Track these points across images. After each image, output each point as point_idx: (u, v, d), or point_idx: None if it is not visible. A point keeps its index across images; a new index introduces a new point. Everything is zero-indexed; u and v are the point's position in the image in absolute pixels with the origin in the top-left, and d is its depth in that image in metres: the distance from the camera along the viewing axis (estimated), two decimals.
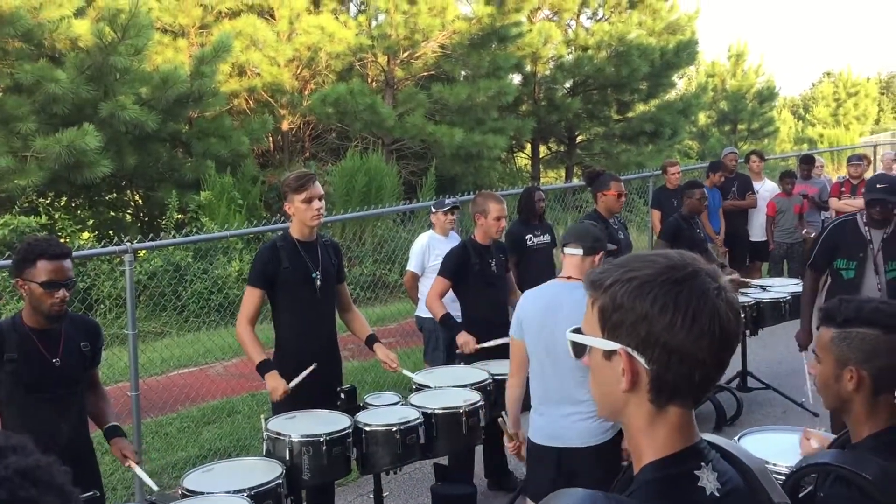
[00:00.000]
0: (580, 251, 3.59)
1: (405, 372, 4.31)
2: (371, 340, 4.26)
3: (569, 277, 3.54)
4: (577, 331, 1.29)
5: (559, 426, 3.39)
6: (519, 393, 3.67)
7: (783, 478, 2.06)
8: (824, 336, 1.93)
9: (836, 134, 35.16)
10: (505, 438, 3.68)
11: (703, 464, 1.21)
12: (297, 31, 15.38)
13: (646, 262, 1.22)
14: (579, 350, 1.30)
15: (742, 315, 5.65)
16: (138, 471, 3.34)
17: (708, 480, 1.20)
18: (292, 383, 3.86)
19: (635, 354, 1.20)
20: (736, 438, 3.19)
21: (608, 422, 3.40)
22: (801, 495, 1.98)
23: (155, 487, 3.32)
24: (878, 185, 4.96)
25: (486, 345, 4.87)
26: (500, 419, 3.64)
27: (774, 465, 2.88)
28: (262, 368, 3.88)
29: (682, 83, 27.46)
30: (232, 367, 8.28)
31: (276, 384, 3.82)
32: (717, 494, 1.19)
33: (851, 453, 1.89)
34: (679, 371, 1.18)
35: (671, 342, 1.17)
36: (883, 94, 56.42)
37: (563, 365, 3.37)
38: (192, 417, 6.81)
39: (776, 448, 3.04)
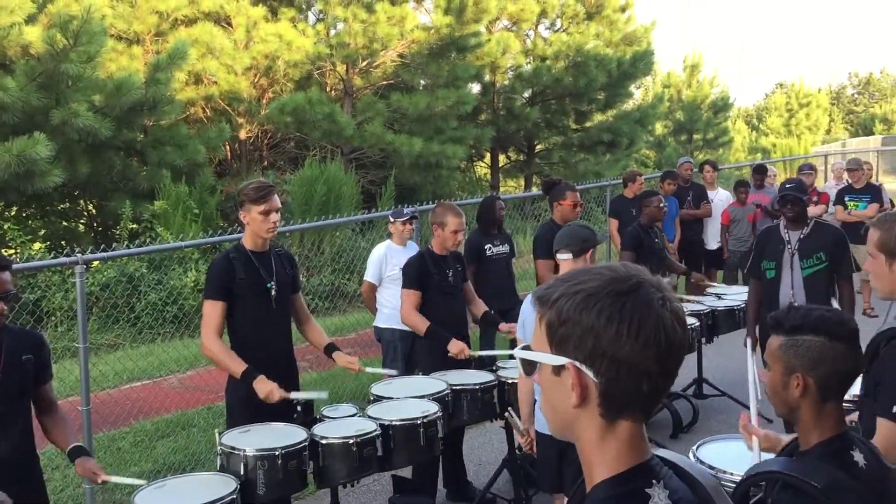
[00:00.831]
0: (570, 255, 3.88)
1: (370, 369, 4.28)
2: (330, 349, 4.21)
3: None
4: (527, 348, 1.28)
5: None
6: (529, 389, 3.82)
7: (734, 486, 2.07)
8: (773, 344, 1.95)
9: (789, 143, 35.89)
10: (516, 434, 3.93)
11: (654, 481, 1.21)
12: (255, 39, 15.27)
13: (591, 275, 1.21)
14: (529, 367, 1.28)
15: (688, 324, 5.79)
16: (116, 479, 3.27)
17: (659, 498, 1.19)
18: (294, 395, 3.85)
19: (583, 368, 1.19)
20: (694, 447, 3.21)
21: None
22: (750, 503, 1.99)
23: (141, 481, 3.27)
24: (787, 185, 5.48)
25: (481, 353, 4.92)
26: (507, 414, 3.83)
27: (731, 473, 2.90)
28: (248, 377, 3.79)
29: (640, 93, 27.84)
30: (187, 380, 8.14)
31: (268, 388, 3.75)
32: None
33: (800, 461, 1.91)
34: (627, 383, 1.18)
35: (618, 354, 1.16)
36: (834, 104, 57.76)
37: None
38: (145, 431, 6.67)
39: (732, 456, 3.06)
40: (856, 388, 3.29)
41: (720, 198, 10.02)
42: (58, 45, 10.69)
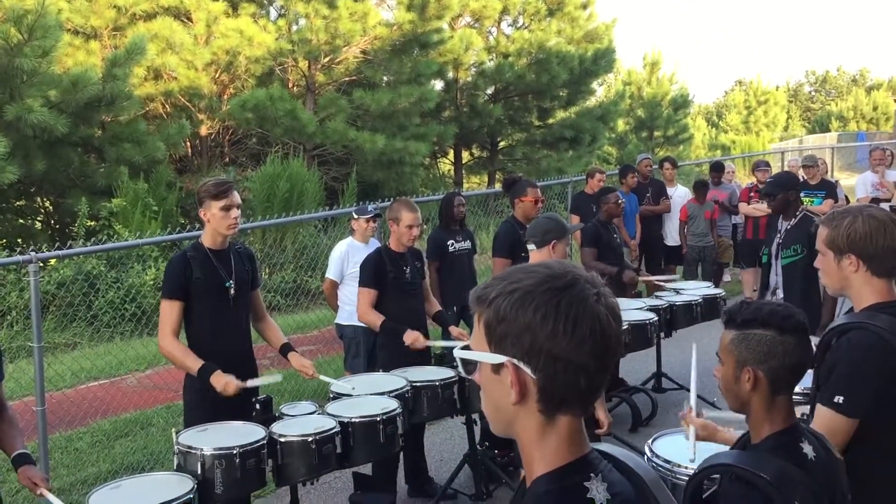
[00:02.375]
0: (534, 246, 4.13)
1: (322, 377, 4.26)
2: (286, 350, 4.19)
3: None
4: (467, 348, 1.29)
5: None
6: None
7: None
8: (725, 338, 1.99)
9: (748, 140, 36.43)
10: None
11: (592, 475, 1.23)
12: (215, 34, 15.11)
13: (527, 273, 1.23)
14: (470, 367, 1.29)
15: (647, 319, 5.97)
16: (51, 497, 3.17)
17: (598, 491, 1.21)
18: (250, 383, 3.82)
19: (521, 365, 1.20)
20: (650, 441, 3.26)
21: None
22: (704, 496, 2.03)
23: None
24: (769, 180, 6.07)
25: (434, 343, 4.92)
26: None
27: (685, 467, 2.94)
28: (205, 373, 3.76)
29: (602, 90, 28.02)
30: (146, 379, 8.05)
31: (224, 380, 3.73)
32: None
33: (751, 454, 1.94)
34: (565, 378, 1.20)
35: (555, 350, 1.18)
36: (791, 101, 58.75)
37: None
38: (103, 431, 6.58)
39: (685, 449, 3.10)
40: (807, 382, 3.38)
41: (679, 194, 10.15)
42: (12, 39, 10.51)
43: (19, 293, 9.54)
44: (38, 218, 14.70)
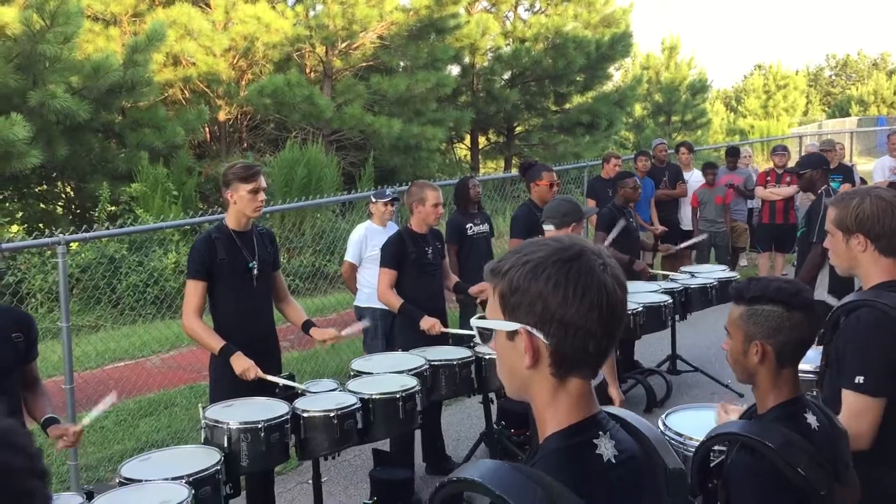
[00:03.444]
0: (552, 227, 4.15)
1: (346, 331, 4.38)
2: (307, 326, 4.31)
3: None
4: (483, 318, 1.38)
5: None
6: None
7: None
8: (734, 313, 2.06)
9: (767, 125, 36.14)
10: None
11: (601, 433, 1.32)
12: (233, 20, 15.19)
13: (538, 246, 1.32)
14: (485, 336, 1.38)
15: (662, 302, 6.04)
16: (89, 418, 3.35)
17: (605, 448, 1.31)
18: (271, 378, 3.91)
19: (535, 332, 1.29)
20: (663, 416, 3.34)
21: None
22: (711, 465, 2.11)
23: (113, 399, 3.34)
24: (799, 159, 6.62)
25: (450, 331, 5.01)
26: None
27: (696, 440, 3.02)
28: (226, 353, 3.90)
29: (620, 75, 27.93)
30: (169, 360, 8.20)
31: (245, 365, 3.86)
32: (614, 461, 1.30)
33: (757, 423, 2.02)
34: (574, 343, 1.28)
35: (565, 316, 1.27)
36: (811, 86, 58.13)
37: None
38: (128, 410, 6.73)
39: (699, 425, 3.18)
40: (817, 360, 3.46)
41: (696, 179, 10.17)
42: (34, 26, 10.64)
43: (44, 277, 9.72)
44: (59, 203, 14.89)
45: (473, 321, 1.39)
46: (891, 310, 2.41)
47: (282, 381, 3.98)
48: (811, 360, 3.97)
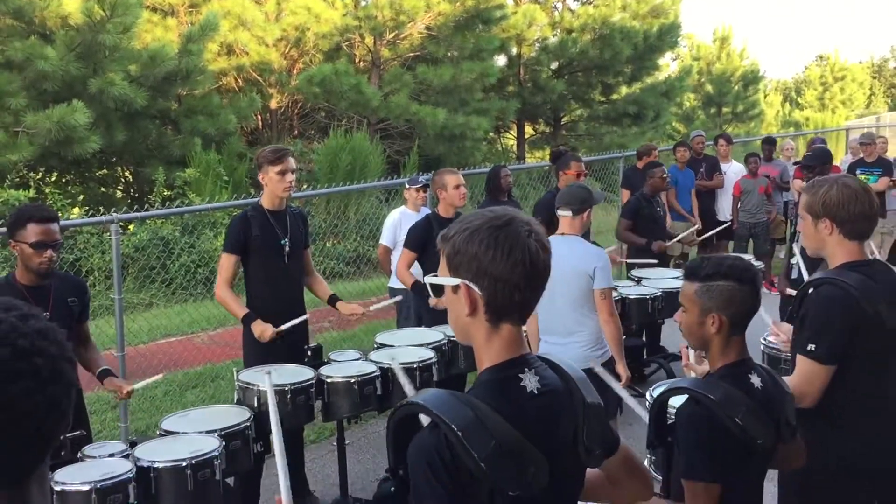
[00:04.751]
0: (570, 213, 4.34)
1: (375, 306, 4.69)
2: (333, 300, 4.64)
3: (563, 234, 4.31)
4: (435, 277, 1.66)
5: (560, 352, 3.83)
6: (534, 328, 4.42)
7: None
8: (689, 289, 2.29)
9: (822, 118, 35.50)
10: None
11: (527, 369, 1.60)
12: (285, 11, 15.63)
13: (476, 216, 1.60)
14: (438, 291, 1.67)
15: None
16: (139, 384, 3.81)
17: (530, 381, 1.58)
18: (282, 327, 4.25)
19: (472, 285, 1.57)
20: (652, 388, 3.57)
21: (599, 350, 4.29)
22: (670, 422, 2.36)
23: (159, 377, 3.79)
24: (806, 155, 6.59)
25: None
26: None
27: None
28: (247, 319, 4.29)
29: (676, 65, 27.72)
30: (216, 337, 8.62)
31: (262, 328, 4.23)
32: (536, 392, 1.58)
33: (704, 380, 2.28)
34: (503, 294, 1.56)
35: (495, 272, 1.55)
36: (875, 78, 56.64)
37: (559, 304, 4.14)
38: (176, 382, 7.15)
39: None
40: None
41: (734, 170, 10.23)
42: (95, 16, 11.16)
43: (101, 255, 10.25)
44: (119, 187, 15.52)
45: (428, 278, 1.68)
46: (850, 287, 2.62)
47: (293, 323, 4.29)
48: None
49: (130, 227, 10.45)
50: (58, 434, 0.98)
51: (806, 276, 3.81)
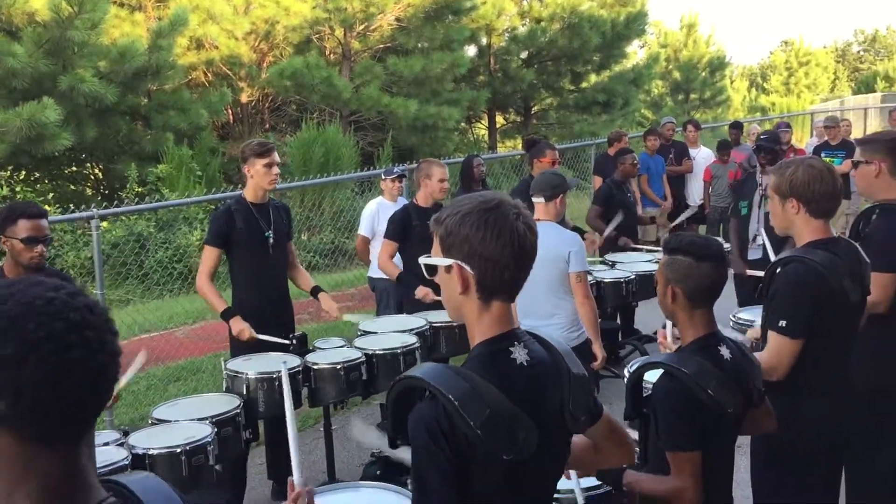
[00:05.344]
0: (542, 199, 4.42)
1: (347, 316, 4.77)
2: (316, 291, 4.73)
3: (538, 219, 4.31)
4: (428, 257, 1.77)
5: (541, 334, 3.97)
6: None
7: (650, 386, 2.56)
8: (661, 262, 2.44)
9: (788, 102, 36.02)
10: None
11: (516, 343, 1.72)
12: (254, 4, 15.58)
13: (467, 200, 1.72)
14: (431, 270, 1.78)
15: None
16: (124, 379, 3.74)
17: (519, 354, 1.71)
18: (262, 337, 4.31)
19: (464, 265, 1.68)
20: (629, 365, 3.70)
21: (576, 332, 4.40)
22: (645, 395, 2.49)
23: (142, 359, 3.65)
24: (762, 137, 6.88)
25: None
26: None
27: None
28: (227, 315, 4.35)
29: (644, 52, 27.98)
30: (195, 331, 8.66)
31: (241, 327, 4.30)
32: (525, 364, 1.70)
33: (677, 354, 2.42)
34: (494, 273, 1.68)
35: (485, 252, 1.66)
36: (839, 62, 57.38)
37: (538, 287, 4.18)
38: (158, 376, 7.20)
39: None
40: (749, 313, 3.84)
41: (702, 155, 10.45)
42: (63, 12, 11.08)
43: (77, 252, 10.23)
44: (88, 184, 15.41)
45: (421, 259, 1.78)
46: (817, 265, 2.77)
47: (273, 340, 4.34)
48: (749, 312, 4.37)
49: (104, 223, 10.43)
50: (106, 399, 1.09)
51: (772, 256, 3.96)
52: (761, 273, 5.82)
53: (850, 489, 3.43)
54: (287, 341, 4.40)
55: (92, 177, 15.45)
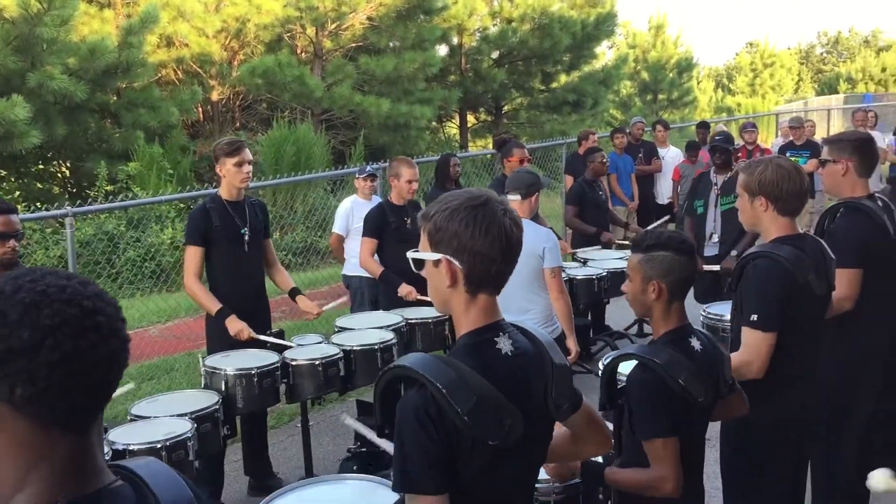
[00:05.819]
0: (518, 196, 4.47)
1: (327, 307, 4.79)
2: (294, 293, 4.76)
3: None
4: (416, 251, 1.83)
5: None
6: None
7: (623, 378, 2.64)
8: (633, 260, 2.51)
9: (754, 103, 36.52)
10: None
11: (501, 334, 1.79)
12: (225, 2, 15.51)
13: (455, 196, 1.78)
14: (418, 265, 1.84)
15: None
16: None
17: (504, 344, 1.78)
18: (262, 337, 4.34)
19: (453, 260, 1.75)
20: (603, 359, 3.79)
21: (550, 326, 4.46)
22: (620, 387, 2.57)
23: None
24: (716, 138, 7.05)
25: (426, 298, 5.43)
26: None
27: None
28: (222, 315, 4.35)
29: (612, 53, 28.23)
30: (167, 330, 8.63)
31: (239, 326, 4.31)
32: (510, 354, 1.77)
33: (650, 346, 2.50)
34: (481, 267, 1.74)
35: (474, 247, 1.73)
36: (803, 63, 58.24)
37: (513, 282, 4.08)
38: (130, 375, 7.14)
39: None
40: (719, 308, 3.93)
41: (671, 155, 10.60)
42: (31, 8, 10.96)
43: (45, 251, 10.12)
44: (55, 182, 15.23)
45: (410, 253, 1.84)
46: (784, 260, 2.87)
47: (272, 340, 4.42)
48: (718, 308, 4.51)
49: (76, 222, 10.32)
50: (116, 383, 1.13)
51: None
52: (716, 267, 6.09)
53: (815, 489, 3.56)
54: (289, 343, 4.43)
55: (60, 175, 15.28)
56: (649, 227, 8.48)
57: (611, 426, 2.62)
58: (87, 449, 1.12)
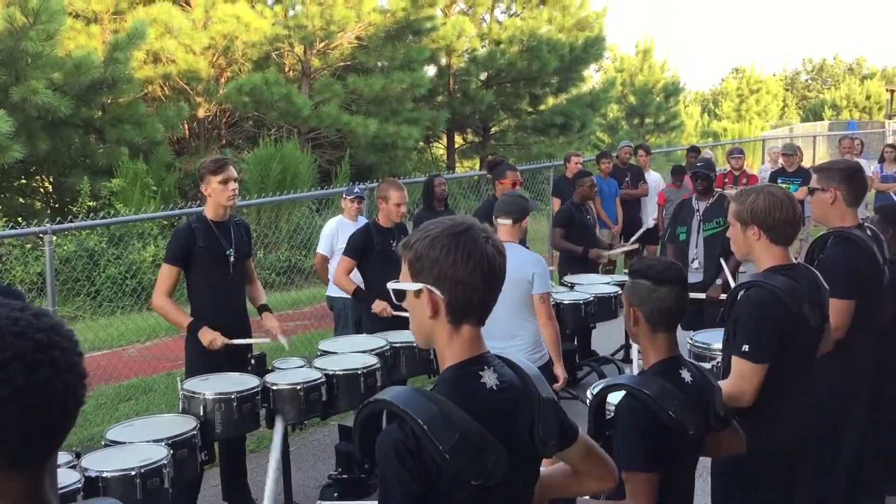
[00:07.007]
0: (510, 221, 4.45)
1: (280, 339, 4.58)
2: (263, 309, 4.66)
3: (503, 241, 4.22)
4: (396, 282, 1.76)
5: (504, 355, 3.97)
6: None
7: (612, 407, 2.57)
8: (626, 285, 2.47)
9: (740, 128, 36.79)
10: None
11: (486, 367, 1.71)
12: (213, 19, 15.45)
13: (436, 224, 1.71)
14: (399, 296, 1.76)
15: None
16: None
17: (489, 378, 1.69)
18: (235, 341, 4.26)
19: (434, 289, 1.67)
20: (592, 387, 3.72)
21: (538, 353, 4.41)
22: (608, 418, 2.50)
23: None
24: (698, 164, 6.98)
25: (401, 313, 5.36)
26: None
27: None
28: (194, 327, 4.26)
29: (599, 76, 28.36)
30: (146, 350, 8.50)
31: (211, 336, 4.22)
32: (496, 388, 1.69)
33: (640, 376, 2.44)
34: (463, 296, 1.67)
35: (455, 276, 1.65)
36: (788, 90, 58.88)
37: (500, 309, 4.01)
38: (107, 395, 7.04)
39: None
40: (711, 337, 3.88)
41: (652, 179, 10.64)
42: (17, 22, 10.89)
43: (24, 268, 9.97)
44: (38, 198, 15.08)
45: (390, 285, 1.77)
46: (777, 290, 2.82)
47: (246, 342, 4.31)
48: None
49: (55, 238, 10.19)
50: (71, 422, 1.06)
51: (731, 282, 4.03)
52: (702, 295, 6.07)
53: None
54: (264, 339, 4.42)
55: (42, 190, 15.12)
56: (633, 238, 8.51)
57: None
58: (38, 491, 1.05)
